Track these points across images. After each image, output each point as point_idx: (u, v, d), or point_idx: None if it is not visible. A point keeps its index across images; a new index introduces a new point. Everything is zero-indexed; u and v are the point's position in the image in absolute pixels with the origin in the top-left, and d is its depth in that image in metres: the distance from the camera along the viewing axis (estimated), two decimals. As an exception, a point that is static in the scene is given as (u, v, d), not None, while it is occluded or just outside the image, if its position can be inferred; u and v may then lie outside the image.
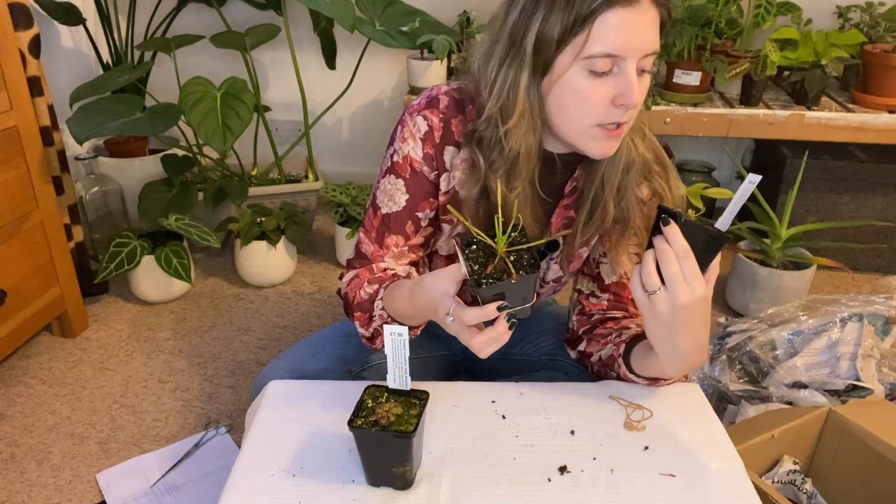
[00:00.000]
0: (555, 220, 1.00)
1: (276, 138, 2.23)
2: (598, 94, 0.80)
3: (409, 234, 0.99)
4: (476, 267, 0.76)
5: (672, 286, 0.77)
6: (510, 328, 0.77)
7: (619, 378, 0.97)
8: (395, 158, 0.97)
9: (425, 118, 0.94)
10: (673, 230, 0.76)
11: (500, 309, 0.75)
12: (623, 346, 0.94)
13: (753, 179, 0.73)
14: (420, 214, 0.99)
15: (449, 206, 0.84)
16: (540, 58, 0.81)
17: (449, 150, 0.94)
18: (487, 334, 0.77)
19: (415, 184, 0.96)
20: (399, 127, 0.97)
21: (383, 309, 0.94)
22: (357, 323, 0.99)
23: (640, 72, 0.81)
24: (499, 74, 0.85)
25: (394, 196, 0.98)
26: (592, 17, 0.76)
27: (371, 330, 0.97)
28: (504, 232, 0.76)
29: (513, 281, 0.73)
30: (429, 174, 0.96)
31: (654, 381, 0.94)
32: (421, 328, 0.95)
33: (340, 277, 1.05)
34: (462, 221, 0.81)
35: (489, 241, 0.77)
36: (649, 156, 0.94)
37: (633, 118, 0.85)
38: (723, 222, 0.76)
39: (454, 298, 0.78)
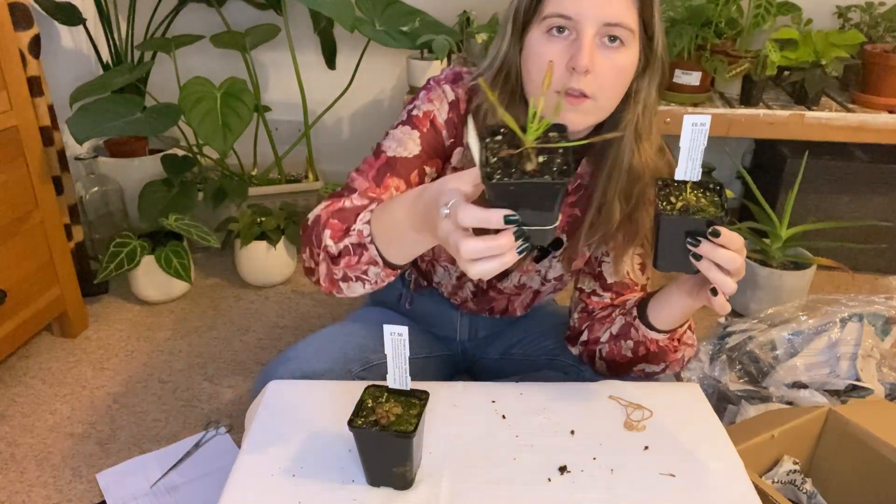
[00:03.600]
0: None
1: (276, 138, 2.23)
2: (552, 55, 0.83)
3: (412, 182, 0.94)
4: (494, 160, 0.62)
5: (740, 273, 0.76)
6: (520, 253, 0.62)
7: (633, 350, 0.96)
8: (415, 113, 0.95)
9: (453, 90, 0.95)
10: (726, 238, 0.73)
11: (507, 221, 0.60)
12: (635, 310, 0.95)
13: (703, 121, 0.69)
14: (427, 169, 0.96)
15: (481, 81, 0.78)
16: (516, 28, 0.87)
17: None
18: (484, 241, 0.61)
19: (430, 139, 0.95)
20: (423, 91, 0.97)
21: (368, 223, 0.80)
22: (328, 232, 0.83)
23: (606, 44, 0.83)
24: (492, 49, 0.91)
25: (405, 143, 0.94)
26: None
27: (341, 245, 0.82)
28: (536, 127, 0.62)
29: (532, 178, 0.58)
30: (446, 139, 0.96)
31: (672, 332, 0.93)
32: (399, 270, 0.82)
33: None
34: (491, 100, 0.70)
35: (516, 130, 0.63)
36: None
37: (598, 92, 0.84)
38: (680, 172, 0.74)
39: (462, 194, 0.64)
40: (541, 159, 0.61)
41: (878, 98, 1.92)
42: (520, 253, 0.62)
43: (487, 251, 0.61)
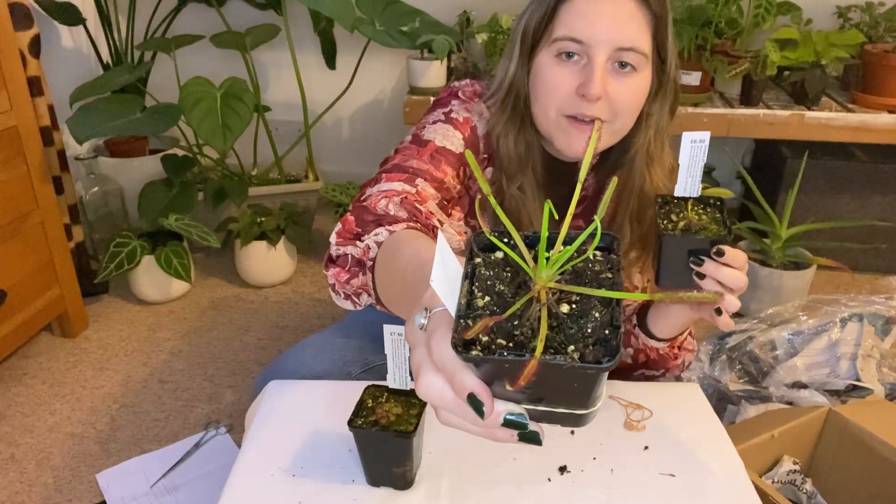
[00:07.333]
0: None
1: (276, 138, 2.23)
2: (562, 79, 0.82)
3: (460, 177, 0.88)
4: (483, 301, 0.40)
5: (743, 290, 0.78)
6: (521, 439, 0.41)
7: (633, 357, 0.96)
8: (454, 116, 0.91)
9: (488, 109, 0.92)
10: (730, 256, 0.73)
11: (508, 423, 0.41)
12: (635, 318, 0.94)
13: (702, 138, 0.70)
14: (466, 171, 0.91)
15: (468, 155, 0.48)
16: (525, 49, 0.86)
17: None
18: (463, 416, 0.42)
19: (471, 144, 0.91)
20: (455, 100, 0.93)
21: (379, 245, 0.67)
22: (338, 227, 0.74)
23: (619, 69, 0.81)
24: (500, 69, 0.90)
25: (451, 139, 0.89)
26: (559, 3, 0.81)
27: (341, 251, 0.73)
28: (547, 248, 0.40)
29: (530, 361, 0.35)
30: (481, 152, 0.93)
31: (673, 340, 0.93)
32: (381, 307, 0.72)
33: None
34: (498, 212, 0.44)
35: (524, 264, 0.41)
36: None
37: (611, 116, 0.83)
38: (679, 189, 0.74)
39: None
40: (565, 309, 0.39)
41: (878, 98, 1.92)
42: (521, 439, 0.41)
43: (461, 425, 0.42)
